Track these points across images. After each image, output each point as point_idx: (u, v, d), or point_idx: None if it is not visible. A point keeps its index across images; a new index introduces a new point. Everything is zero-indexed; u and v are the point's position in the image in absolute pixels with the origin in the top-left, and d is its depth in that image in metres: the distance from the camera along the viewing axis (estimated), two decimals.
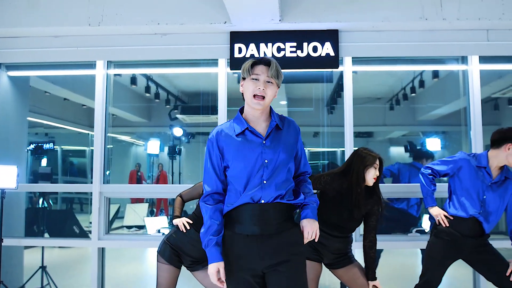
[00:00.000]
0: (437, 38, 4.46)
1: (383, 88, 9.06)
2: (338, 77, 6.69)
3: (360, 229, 3.63)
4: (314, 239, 2.40)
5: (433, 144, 9.53)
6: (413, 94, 8.36)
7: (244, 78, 2.39)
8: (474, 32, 4.45)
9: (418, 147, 8.67)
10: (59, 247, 7.49)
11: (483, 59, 4.52)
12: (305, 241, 2.39)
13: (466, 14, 4.25)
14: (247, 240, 2.31)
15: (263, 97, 2.31)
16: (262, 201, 2.29)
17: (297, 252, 2.35)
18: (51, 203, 10.32)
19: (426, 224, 5.46)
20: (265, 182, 2.30)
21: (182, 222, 3.31)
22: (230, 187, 2.38)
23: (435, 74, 7.18)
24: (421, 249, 4.74)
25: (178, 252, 3.30)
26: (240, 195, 2.31)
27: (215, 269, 2.30)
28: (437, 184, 3.53)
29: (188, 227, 3.29)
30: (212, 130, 2.44)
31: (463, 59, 4.60)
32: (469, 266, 3.49)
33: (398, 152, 10.49)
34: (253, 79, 2.33)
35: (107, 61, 4.74)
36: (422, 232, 4.71)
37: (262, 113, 2.39)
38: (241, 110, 2.46)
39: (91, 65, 4.73)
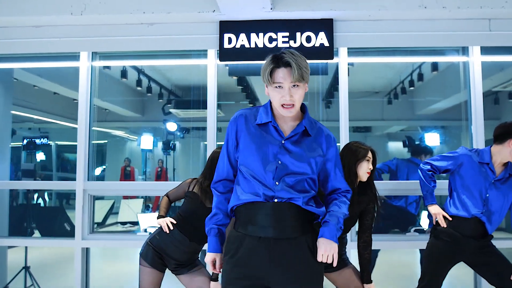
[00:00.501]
0: (436, 27, 4.25)
1: (381, 81, 8.88)
2: (335, 69, 6.54)
3: (356, 228, 3.43)
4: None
5: (432, 139, 9.39)
6: (412, 88, 8.17)
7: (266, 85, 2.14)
8: (475, 22, 4.24)
9: (416, 142, 8.52)
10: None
11: (485, 50, 4.32)
12: (319, 259, 2.14)
13: (467, 2, 4.05)
14: (257, 243, 2.09)
15: (293, 105, 2.06)
16: (275, 200, 2.09)
17: (313, 274, 2.12)
18: (47, 199, 10.19)
19: (424, 222, 5.29)
20: (277, 183, 2.09)
21: (165, 222, 3.11)
22: (240, 177, 2.19)
23: (434, 66, 6.98)
24: (420, 249, 4.55)
25: (161, 255, 3.10)
26: (251, 189, 2.13)
27: (211, 259, 2.22)
28: (437, 181, 3.33)
29: (172, 228, 3.09)
30: (236, 112, 2.25)
31: (464, 50, 4.41)
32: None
33: (396, 147, 10.34)
34: (276, 87, 2.07)
35: (92, 53, 4.54)
36: (421, 231, 4.52)
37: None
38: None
39: (75, 57, 4.52)
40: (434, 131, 9.44)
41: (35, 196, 8.12)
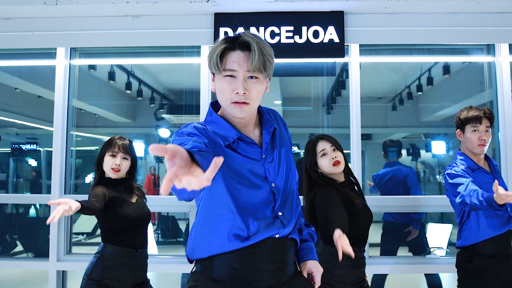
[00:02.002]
0: (462, 22, 3.79)
1: (385, 86, 8.54)
2: (339, 72, 6.09)
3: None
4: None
5: (438, 147, 9.04)
6: (420, 93, 7.77)
7: (213, 73, 1.60)
8: (505, 16, 3.78)
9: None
10: None
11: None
12: (316, 287, 1.71)
13: None
14: None
15: (247, 104, 1.53)
16: (277, 236, 1.57)
17: None
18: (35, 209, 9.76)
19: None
20: (280, 214, 1.58)
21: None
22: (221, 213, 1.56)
23: (446, 69, 6.55)
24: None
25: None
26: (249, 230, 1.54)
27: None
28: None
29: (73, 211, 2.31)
30: (184, 126, 1.58)
31: (489, 49, 3.95)
32: None
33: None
34: (227, 75, 1.53)
35: (71, 49, 4.04)
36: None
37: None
38: (214, 106, 1.68)
39: (51, 54, 4.02)
40: (438, 138, 9.10)
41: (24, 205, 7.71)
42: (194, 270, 1.62)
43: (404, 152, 8.23)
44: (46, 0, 3.68)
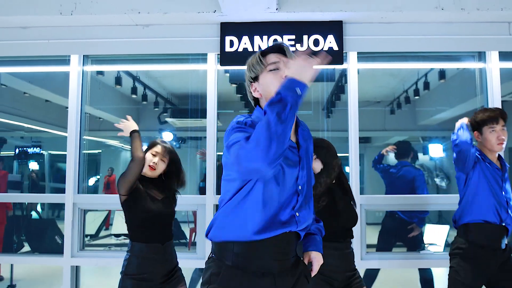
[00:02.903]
0: (454, 31, 3.99)
1: (383, 91, 8.67)
2: (338, 77, 6.28)
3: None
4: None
5: (435, 149, 9.17)
6: (417, 97, 7.94)
7: (254, 79, 1.79)
8: (494, 25, 3.99)
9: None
10: None
11: (502, 56, 4.07)
12: (313, 274, 1.89)
13: (487, 4, 3.79)
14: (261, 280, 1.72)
15: None
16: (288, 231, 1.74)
17: None
18: (39, 210, 9.89)
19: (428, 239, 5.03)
20: (297, 214, 1.73)
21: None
22: (250, 204, 1.70)
23: (442, 74, 6.73)
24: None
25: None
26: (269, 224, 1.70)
27: None
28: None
29: None
30: (242, 117, 1.74)
31: (480, 56, 4.15)
32: None
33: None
34: (271, 70, 1.74)
35: (83, 56, 4.23)
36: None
37: None
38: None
39: (66, 61, 4.22)
40: (435, 141, 9.25)
41: (26, 207, 7.83)
42: (211, 256, 1.80)
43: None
44: (62, 10, 3.89)
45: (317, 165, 2.73)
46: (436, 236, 5.84)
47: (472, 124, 3.03)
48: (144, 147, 2.86)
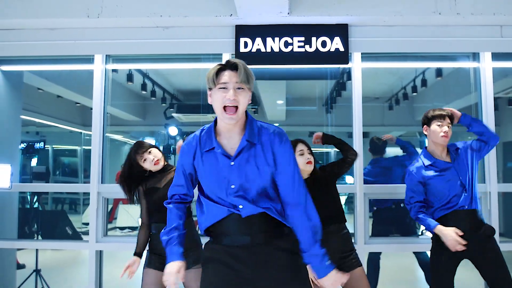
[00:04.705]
0: (450, 33, 4.30)
1: (382, 87, 8.94)
2: (339, 75, 6.58)
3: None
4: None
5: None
6: (415, 94, 8.23)
7: (210, 89, 2.11)
8: (487, 28, 4.31)
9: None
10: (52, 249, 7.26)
11: (495, 56, 4.37)
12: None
13: (481, 9, 4.10)
14: (236, 250, 2.10)
15: (236, 108, 2.03)
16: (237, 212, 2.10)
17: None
18: (44, 204, 10.11)
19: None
20: (241, 207, 2.07)
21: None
22: (205, 198, 2.18)
23: (439, 72, 7.04)
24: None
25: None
26: (219, 208, 2.12)
27: (177, 268, 2.11)
28: None
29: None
30: (190, 136, 2.23)
31: (474, 56, 4.46)
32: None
33: (394, 152, 10.36)
34: (221, 88, 2.05)
35: (106, 55, 4.53)
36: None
37: (236, 125, 2.12)
38: (216, 120, 2.21)
39: (89, 60, 4.51)
40: None
41: (34, 200, 8.06)
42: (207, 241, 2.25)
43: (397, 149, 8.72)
44: (90, 13, 4.19)
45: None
46: None
47: (423, 120, 3.34)
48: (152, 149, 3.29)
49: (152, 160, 3.19)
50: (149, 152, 3.21)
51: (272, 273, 2.06)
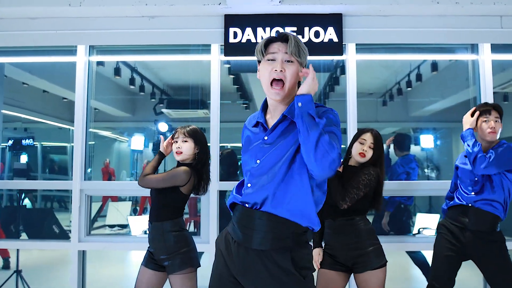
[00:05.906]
0: (448, 24, 4.14)
1: (376, 82, 8.81)
2: (333, 68, 6.42)
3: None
4: None
5: (426, 140, 9.34)
6: (409, 88, 8.10)
7: (259, 62, 1.95)
8: (487, 18, 4.14)
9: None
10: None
11: (494, 48, 4.22)
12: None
13: None
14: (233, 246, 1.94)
15: (283, 83, 1.84)
16: (246, 205, 1.91)
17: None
18: (30, 201, 9.90)
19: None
20: (249, 185, 1.90)
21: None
22: None
23: (434, 66, 6.90)
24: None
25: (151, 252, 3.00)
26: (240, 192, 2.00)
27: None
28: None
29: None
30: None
31: (473, 48, 4.30)
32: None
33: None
34: (269, 60, 1.88)
35: (89, 47, 4.33)
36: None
37: (282, 102, 1.92)
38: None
39: (71, 51, 4.31)
40: (427, 132, 9.42)
41: (21, 198, 7.85)
42: None
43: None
44: (71, 2, 3.99)
45: None
46: (428, 225, 6.03)
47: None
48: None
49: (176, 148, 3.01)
50: (184, 141, 2.99)
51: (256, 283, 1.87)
